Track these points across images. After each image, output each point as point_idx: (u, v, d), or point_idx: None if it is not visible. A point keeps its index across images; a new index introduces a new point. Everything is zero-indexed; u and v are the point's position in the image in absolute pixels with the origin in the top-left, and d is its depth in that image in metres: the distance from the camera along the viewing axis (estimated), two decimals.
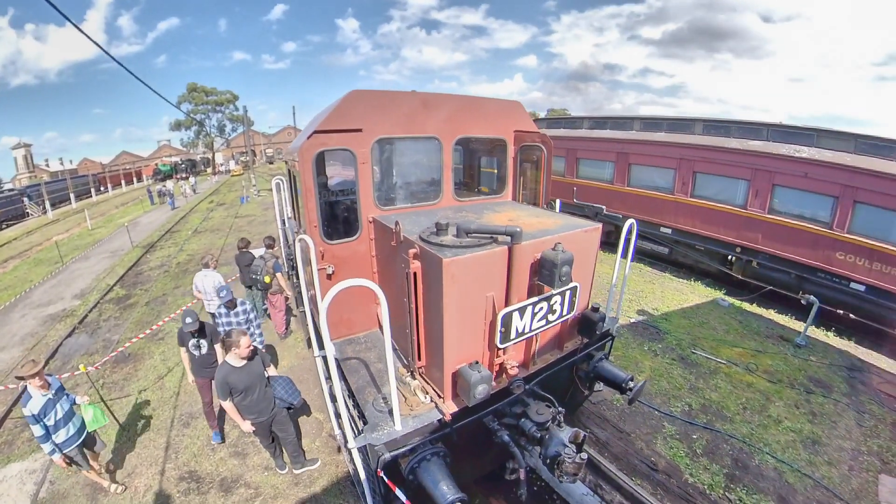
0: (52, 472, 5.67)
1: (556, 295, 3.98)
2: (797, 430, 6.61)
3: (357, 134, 4.54)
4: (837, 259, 9.88)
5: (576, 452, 3.44)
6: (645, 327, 9.65)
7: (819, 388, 7.66)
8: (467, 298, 3.54)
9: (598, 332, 4.61)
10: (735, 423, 6.73)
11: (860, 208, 9.59)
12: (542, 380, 4.33)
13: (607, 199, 15.42)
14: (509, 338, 3.77)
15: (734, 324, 9.89)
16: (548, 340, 4.56)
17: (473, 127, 5.33)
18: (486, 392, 3.50)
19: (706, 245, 12.60)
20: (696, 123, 13.60)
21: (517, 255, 3.60)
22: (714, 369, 8.07)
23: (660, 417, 6.83)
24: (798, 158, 10.46)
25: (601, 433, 6.38)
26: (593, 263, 4.54)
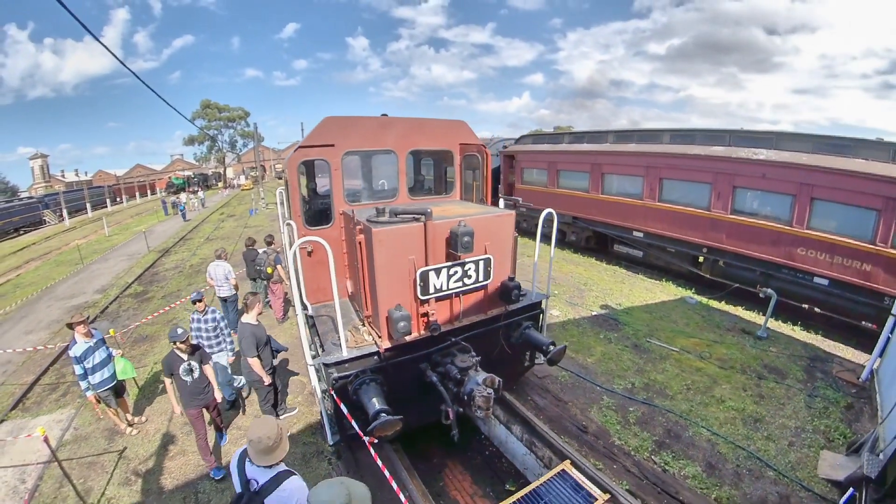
0: (76, 421, 6.75)
1: (469, 262, 4.90)
2: (739, 409, 6.50)
3: (330, 148, 5.72)
4: (799, 255, 9.88)
5: (490, 391, 4.21)
6: (605, 319, 9.62)
7: (772, 375, 7.55)
8: (393, 259, 4.57)
9: (514, 298, 5.28)
10: (676, 400, 6.65)
11: (818, 204, 9.67)
12: (475, 342, 5.02)
13: (585, 207, 15.68)
14: (428, 292, 4.74)
15: (696, 318, 9.83)
16: (472, 304, 5.32)
17: (423, 142, 6.49)
18: (406, 328, 4.41)
19: (676, 247, 12.65)
20: (663, 134, 13.87)
21: (430, 229, 4.59)
22: (665, 356, 8.00)
23: (600, 392, 6.81)
24: (755, 161, 10.64)
25: (540, 400, 6.50)
26: (509, 243, 5.40)
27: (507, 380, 6.11)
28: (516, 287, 5.31)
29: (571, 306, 10.41)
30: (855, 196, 9.00)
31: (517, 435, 6.04)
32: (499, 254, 5.21)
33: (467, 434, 6.59)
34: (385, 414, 4.00)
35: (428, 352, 4.88)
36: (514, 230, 5.58)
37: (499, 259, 5.21)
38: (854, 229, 9.09)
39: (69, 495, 5.14)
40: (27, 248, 25.43)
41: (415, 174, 8.05)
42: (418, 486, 4.73)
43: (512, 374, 6.24)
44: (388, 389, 4.58)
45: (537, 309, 5.97)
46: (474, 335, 5.15)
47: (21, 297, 14.03)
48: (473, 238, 4.62)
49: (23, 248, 25.48)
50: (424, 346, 4.87)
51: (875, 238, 8.71)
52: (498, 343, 5.58)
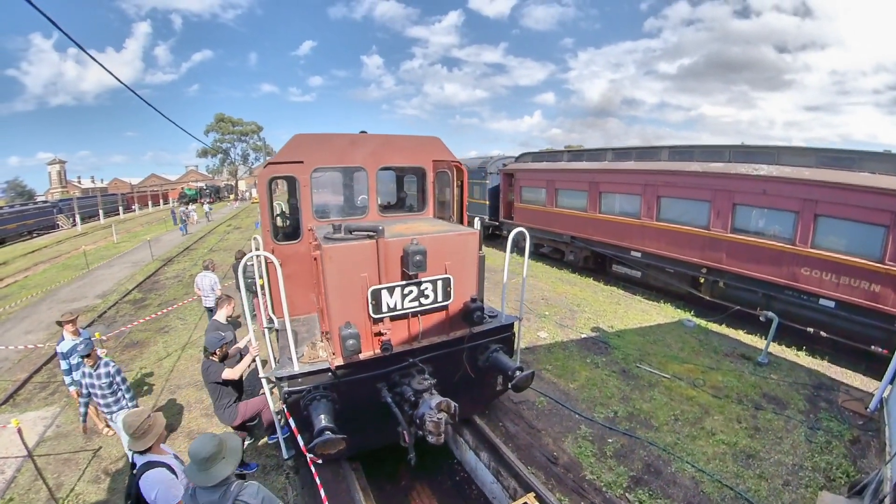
0: (59, 419, 6.94)
1: (426, 282, 4.71)
2: (731, 443, 5.94)
3: (299, 164, 5.72)
4: (803, 275, 9.31)
5: (440, 416, 4.00)
6: (595, 342, 9.12)
7: (771, 405, 6.96)
8: (345, 276, 4.48)
9: (476, 320, 4.99)
10: (661, 432, 6.11)
11: (822, 221, 9.14)
12: (438, 364, 4.89)
13: (582, 226, 15.27)
14: (381, 310, 4.58)
15: (693, 342, 9.26)
16: (432, 324, 5.08)
17: (395, 158, 6.37)
18: (355, 346, 4.23)
19: (675, 267, 12.12)
20: (662, 150, 13.49)
21: (383, 247, 4.48)
22: (654, 383, 7.46)
23: (578, 420, 6.33)
24: (756, 176, 10.18)
25: (512, 427, 6.06)
26: (473, 262, 5.14)
27: (478, 404, 5.96)
28: (479, 309, 5.01)
29: (561, 328, 9.92)
30: (861, 212, 8.47)
31: (485, 462, 5.64)
32: (460, 274, 5.01)
33: (439, 457, 6.24)
34: (329, 432, 3.87)
35: (383, 372, 4.69)
36: (480, 249, 5.38)
37: (460, 279, 5.01)
38: (861, 247, 8.52)
39: (42, 488, 5.28)
40: (38, 251, 26.31)
41: (397, 191, 8.05)
42: None
43: (483, 398, 6.00)
44: (341, 408, 4.48)
45: (508, 332, 5.66)
46: (436, 357, 4.95)
47: (25, 298, 14.55)
48: (426, 257, 4.46)
49: (34, 251, 26.41)
50: (380, 366, 4.70)
51: (884, 257, 8.12)
52: (463, 366, 5.33)
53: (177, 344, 9.63)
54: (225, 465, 2.79)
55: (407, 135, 6.57)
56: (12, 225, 34.88)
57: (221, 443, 2.87)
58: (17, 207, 39.97)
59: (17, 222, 35.67)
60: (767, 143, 10.93)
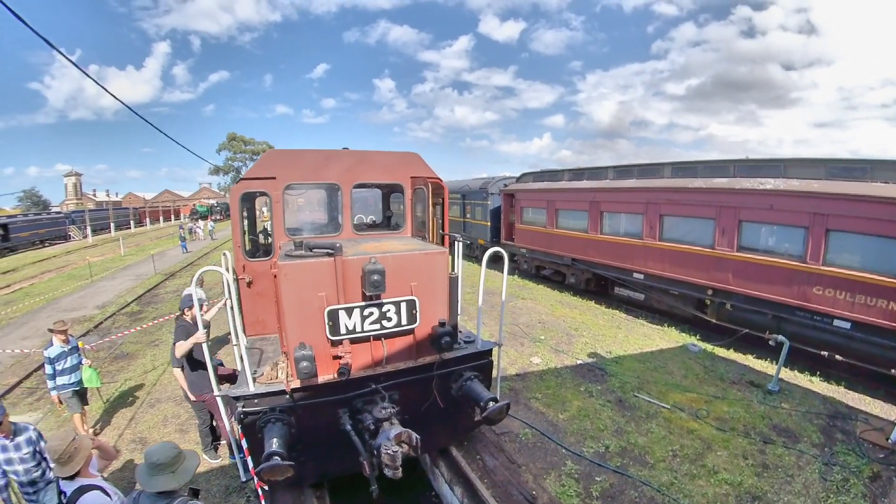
0: (41, 424, 6.92)
1: (388, 304, 4.44)
2: (735, 482, 5.32)
3: (272, 181, 5.58)
4: (815, 295, 8.68)
5: (396, 449, 3.74)
6: (590, 369, 8.55)
7: (782, 438, 6.33)
8: (301, 295, 4.26)
9: (444, 345, 4.63)
10: (656, 470, 5.52)
11: (834, 237, 8.58)
12: (406, 392, 4.61)
13: (583, 248, 14.78)
14: (339, 332, 4.33)
15: (697, 369, 8.62)
16: (398, 349, 4.77)
17: (370, 175, 6.16)
18: (308, 369, 3.97)
19: (679, 289, 11.53)
20: (664, 167, 13.05)
21: (341, 265, 4.29)
22: (653, 413, 6.87)
23: (564, 455, 5.79)
24: (761, 191, 9.69)
25: (491, 461, 5.54)
26: (442, 283, 4.83)
27: (455, 434, 5.58)
28: (448, 334, 4.63)
29: (556, 353, 9.37)
30: (876, 225, 7.92)
31: (458, 497, 5.15)
32: (428, 296, 4.71)
33: (417, 488, 5.80)
34: (278, 458, 3.64)
35: (344, 397, 4.42)
36: (452, 270, 5.13)
37: (428, 301, 4.70)
38: (877, 263, 7.94)
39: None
40: (47, 260, 27.06)
41: (383, 210, 7.79)
42: None
43: (460, 428, 5.55)
44: (299, 433, 4.25)
45: (484, 359, 5.19)
46: (403, 384, 4.63)
47: (27, 305, 14.93)
48: (384, 277, 4.21)
49: (43, 260, 27.14)
50: (340, 391, 4.41)
51: None
52: (433, 395, 4.91)
53: (164, 358, 9.43)
54: (170, 480, 2.82)
55: (385, 151, 6.44)
56: (25, 234, 36.10)
57: (178, 457, 2.93)
58: (30, 217, 41.43)
59: (29, 231, 36.85)
60: (774, 157, 10.43)
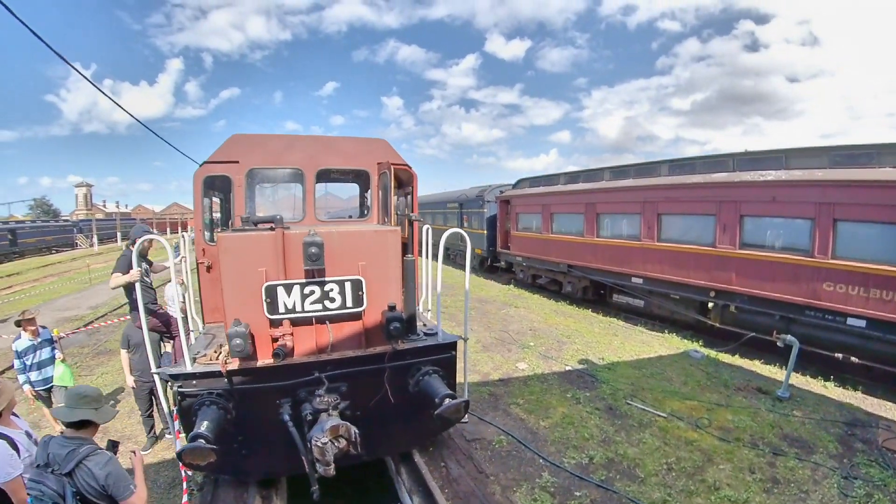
0: None
1: (331, 283, 4.18)
2: (740, 500, 4.57)
3: (234, 165, 5.57)
4: (826, 291, 7.95)
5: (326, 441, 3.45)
6: (580, 375, 7.82)
7: (794, 449, 5.56)
8: (242, 270, 4.08)
9: (392, 332, 4.27)
10: (647, 485, 4.78)
11: (842, 227, 7.91)
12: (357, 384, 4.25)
13: (580, 253, 14.13)
14: (277, 310, 4.07)
15: (699, 375, 7.86)
16: (346, 335, 4.49)
17: (335, 161, 6.03)
18: (241, 347, 3.76)
19: (680, 292, 10.81)
20: (661, 165, 12.45)
21: (282, 238, 4.09)
22: (647, 422, 6.13)
23: (541, 466, 5.10)
24: (762, 182, 9.06)
25: (456, 469, 4.92)
26: (393, 265, 4.58)
27: (419, 437, 5.04)
28: (398, 319, 4.23)
29: (544, 359, 8.64)
30: (888, 212, 7.27)
31: None
32: (378, 278, 4.42)
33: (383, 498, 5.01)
34: (203, 440, 3.34)
35: (284, 385, 4.06)
36: (407, 252, 4.92)
37: (377, 284, 4.41)
38: (891, 253, 7.24)
39: None
40: (51, 265, 28.06)
41: (360, 205, 7.44)
42: None
43: (423, 431, 4.92)
44: (236, 421, 3.95)
45: (447, 353, 4.67)
46: (353, 376, 4.23)
47: (23, 304, 15.15)
48: (322, 250, 3.98)
49: (48, 265, 28.05)
50: (281, 377, 4.08)
51: None
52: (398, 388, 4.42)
53: None
54: (91, 413, 2.78)
55: (351, 136, 6.34)
56: (32, 239, 37.34)
57: (101, 397, 2.94)
58: (38, 223, 42.85)
59: (36, 237, 38.11)
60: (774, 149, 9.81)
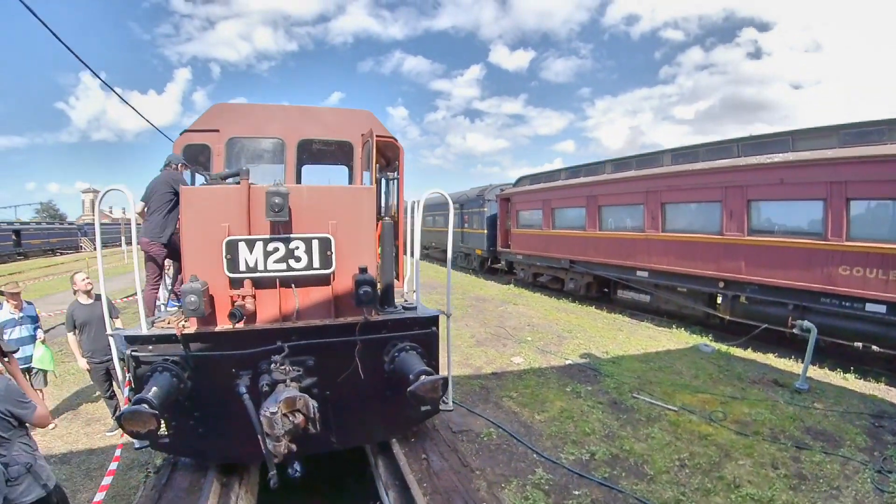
0: None
1: (296, 240, 3.94)
2: (764, 498, 4.05)
3: (215, 133, 5.54)
4: (842, 276, 7.45)
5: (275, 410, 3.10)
6: (581, 369, 7.31)
7: (818, 442, 5.04)
8: (203, 225, 3.91)
9: (362, 297, 3.87)
10: (657, 483, 4.26)
11: (856, 207, 7.47)
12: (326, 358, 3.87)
13: (582, 248, 13.67)
14: (238, 268, 3.84)
15: (710, 369, 7.34)
16: (314, 302, 4.20)
17: (317, 132, 5.92)
18: (196, 305, 3.54)
19: (688, 284, 10.30)
20: (664, 155, 12.02)
21: (247, 192, 3.90)
22: (655, 417, 5.61)
23: (534, 461, 4.60)
24: (768, 164, 8.61)
25: (438, 462, 4.34)
26: (369, 227, 4.39)
27: (397, 426, 4.50)
28: (368, 283, 3.83)
29: (542, 354, 8.12)
30: None
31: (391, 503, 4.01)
32: (350, 239, 4.16)
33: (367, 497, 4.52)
34: (147, 405, 3.00)
35: (244, 353, 3.66)
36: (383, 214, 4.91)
37: (349, 245, 4.14)
38: None
39: None
40: (54, 266, 28.43)
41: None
42: None
43: (401, 418, 4.39)
44: (191, 392, 3.63)
45: (428, 327, 4.22)
46: (321, 349, 3.84)
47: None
48: (287, 200, 3.72)
49: (50, 266, 28.31)
50: (240, 344, 3.71)
51: None
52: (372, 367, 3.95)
53: None
54: None
55: (335, 107, 6.44)
56: (36, 241, 38.07)
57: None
58: (42, 225, 43.76)
59: (40, 239, 38.78)
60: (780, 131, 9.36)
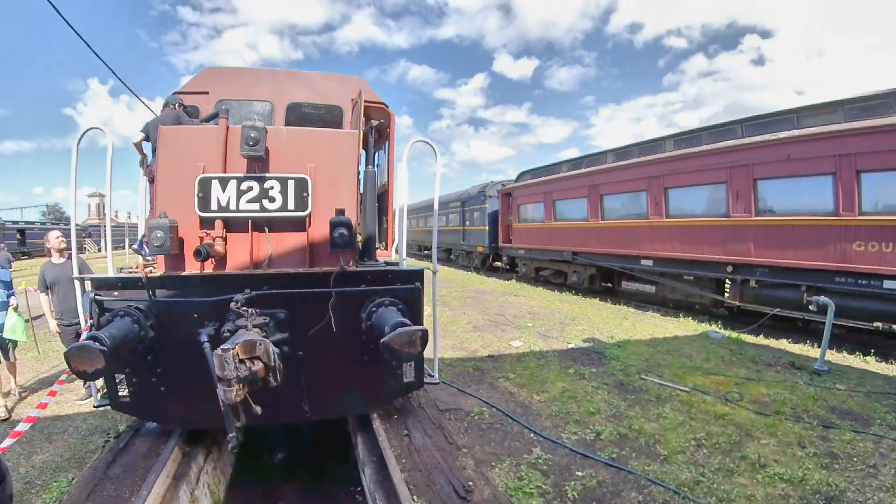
0: None
1: (271, 179, 3.83)
2: (796, 478, 3.60)
3: (204, 95, 5.57)
4: (856, 252, 7.05)
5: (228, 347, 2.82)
6: (585, 352, 6.88)
7: (846, 421, 4.60)
8: (177, 164, 3.85)
9: (337, 238, 3.76)
10: (672, 464, 3.82)
11: (867, 179, 7.09)
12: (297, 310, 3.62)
13: (584, 239, 13.30)
14: (209, 207, 3.74)
15: (722, 352, 6.90)
16: (288, 249, 4.05)
17: (306, 95, 5.90)
18: (162, 242, 3.49)
19: (694, 271, 9.89)
20: (666, 141, 11.67)
21: (225, 132, 3.85)
22: (666, 397, 5.17)
23: (531, 440, 4.17)
24: (773, 141, 8.26)
25: (421, 438, 4.01)
26: (350, 173, 4.25)
27: (377, 398, 4.16)
28: (344, 225, 3.72)
29: (543, 338, 7.69)
30: None
31: (367, 482, 3.65)
32: (327, 181, 4.02)
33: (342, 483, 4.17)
34: (97, 342, 2.82)
35: (211, 301, 3.48)
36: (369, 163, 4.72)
37: (327, 189, 3.99)
38: None
39: None
40: None
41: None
42: None
43: (382, 390, 4.07)
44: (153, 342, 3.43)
45: (410, 283, 3.94)
46: (292, 300, 3.60)
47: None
48: (264, 136, 3.67)
49: None
50: (206, 290, 3.55)
51: None
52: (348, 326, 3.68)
53: None
54: None
55: (326, 73, 6.29)
56: (40, 240, 37.69)
57: None
58: (47, 225, 43.55)
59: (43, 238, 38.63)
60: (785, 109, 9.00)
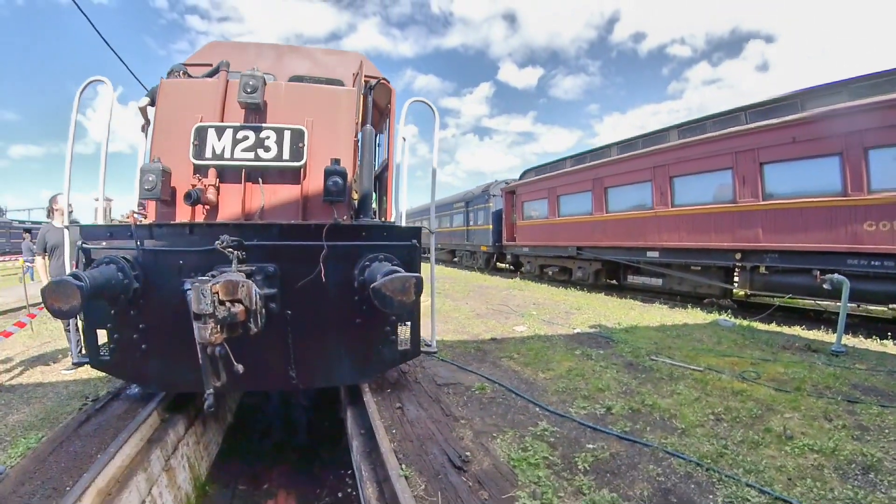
0: None
1: (267, 129, 3.89)
2: (827, 449, 3.33)
3: (208, 68, 5.54)
4: (868, 233, 6.84)
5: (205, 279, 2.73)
6: (591, 337, 6.65)
7: (871, 397, 4.34)
8: (176, 115, 3.94)
9: (331, 187, 3.80)
10: (690, 437, 3.56)
11: (875, 156, 6.91)
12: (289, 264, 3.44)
13: (589, 233, 13.11)
14: (204, 155, 3.80)
15: (734, 337, 6.66)
16: (281, 200, 4.09)
17: (308, 69, 5.89)
18: (153, 186, 3.55)
19: (702, 260, 9.65)
20: (670, 132, 11.50)
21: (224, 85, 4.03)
22: (679, 376, 4.92)
23: (535, 414, 3.91)
24: (778, 124, 8.09)
25: (415, 411, 3.82)
26: (347, 128, 4.33)
27: (369, 367, 3.88)
28: (338, 174, 3.73)
29: (548, 325, 7.45)
30: None
31: (355, 457, 3.41)
32: (324, 136, 4.09)
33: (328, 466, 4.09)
34: (77, 280, 2.68)
35: (199, 251, 3.34)
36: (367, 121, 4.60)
37: (323, 141, 4.06)
38: None
39: None
40: None
41: None
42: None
43: (374, 356, 3.80)
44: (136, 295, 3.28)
45: (406, 240, 3.72)
46: (283, 253, 3.43)
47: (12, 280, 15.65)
48: (262, 85, 3.77)
49: None
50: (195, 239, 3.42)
51: None
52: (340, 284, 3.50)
53: None
54: None
55: (327, 48, 6.48)
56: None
57: None
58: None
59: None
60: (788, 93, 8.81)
